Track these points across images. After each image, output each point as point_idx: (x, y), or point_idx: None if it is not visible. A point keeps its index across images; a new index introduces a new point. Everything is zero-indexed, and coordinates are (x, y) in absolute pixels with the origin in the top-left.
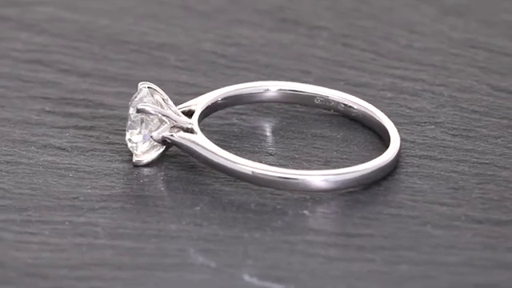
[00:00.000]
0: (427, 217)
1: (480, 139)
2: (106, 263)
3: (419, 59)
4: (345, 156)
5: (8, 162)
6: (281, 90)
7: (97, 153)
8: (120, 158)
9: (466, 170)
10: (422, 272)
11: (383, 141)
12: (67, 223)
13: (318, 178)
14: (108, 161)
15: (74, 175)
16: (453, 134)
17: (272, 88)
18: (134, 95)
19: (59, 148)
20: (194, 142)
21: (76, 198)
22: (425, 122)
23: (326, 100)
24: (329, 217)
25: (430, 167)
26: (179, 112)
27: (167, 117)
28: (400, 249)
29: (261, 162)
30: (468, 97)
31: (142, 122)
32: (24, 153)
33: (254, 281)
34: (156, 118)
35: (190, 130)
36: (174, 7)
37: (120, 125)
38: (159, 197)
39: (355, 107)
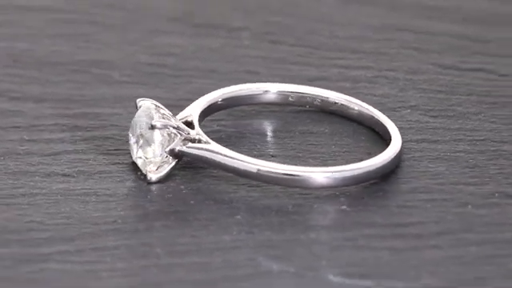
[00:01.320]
0: (462, 198)
1: (461, 117)
2: (184, 281)
3: (354, 48)
4: (348, 153)
5: (24, 195)
6: (280, 91)
7: (104, 175)
8: (130, 178)
9: (468, 148)
10: (491, 251)
11: (381, 136)
12: (123, 247)
13: (336, 175)
14: (120, 181)
15: (96, 199)
16: (433, 116)
17: (272, 89)
18: (138, 113)
19: (64, 175)
20: (212, 151)
21: (114, 221)
22: (399, 107)
23: (326, 101)
24: (369, 209)
25: (432, 150)
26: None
27: (181, 130)
28: (457, 232)
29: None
30: (422, 78)
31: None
32: (32, 183)
33: (341, 280)
34: (166, 133)
35: (198, 141)
36: (82, 24)
37: (108, 145)
38: (195, 210)
39: (354, 107)
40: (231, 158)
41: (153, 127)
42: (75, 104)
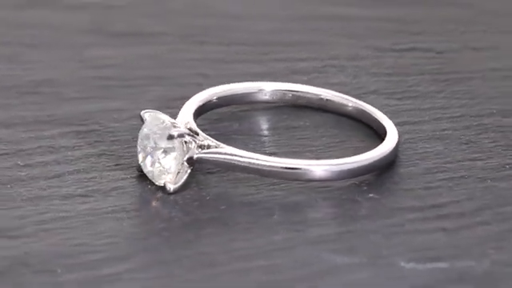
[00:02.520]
0: (478, 174)
1: (427, 97)
2: (263, 283)
3: (286, 40)
4: (345, 147)
5: (54, 219)
6: (276, 90)
7: (120, 191)
8: (147, 190)
9: (453, 125)
10: None
11: (376, 132)
12: (184, 259)
13: (339, 167)
14: (139, 195)
15: (128, 215)
16: (399, 98)
17: (266, 88)
18: (148, 125)
19: (80, 195)
20: (232, 154)
21: (159, 234)
22: (363, 93)
23: (321, 99)
24: (397, 195)
25: (419, 131)
26: None
27: (195, 137)
28: (494, 207)
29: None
30: (369, 63)
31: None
32: (55, 207)
33: (414, 266)
34: (182, 141)
35: (208, 146)
36: (14, 46)
37: (104, 161)
38: (230, 215)
39: (349, 104)
40: (253, 158)
41: (171, 137)
42: (47, 125)
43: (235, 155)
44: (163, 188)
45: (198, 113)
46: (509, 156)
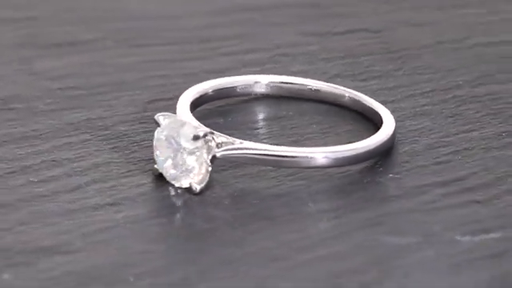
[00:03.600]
0: (480, 144)
1: (390, 76)
2: (340, 272)
3: (223, 34)
4: (344, 136)
5: (98, 231)
6: (271, 82)
7: (146, 196)
8: (174, 195)
9: (431, 100)
10: None
11: (373, 121)
12: (246, 257)
13: (344, 153)
14: (167, 200)
15: (167, 219)
16: (363, 79)
17: (262, 81)
18: (168, 128)
19: (110, 204)
20: (251, 148)
21: (211, 236)
22: (329, 79)
23: (317, 91)
24: (415, 172)
25: (400, 109)
26: None
27: (214, 136)
28: None
29: None
30: (316, 48)
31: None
32: (92, 219)
33: (469, 239)
34: (202, 141)
35: (223, 143)
36: None
37: (115, 169)
38: (266, 209)
39: (346, 94)
40: (275, 150)
41: (197, 137)
42: (38, 139)
43: (256, 149)
44: (188, 189)
45: (195, 106)
46: (499, 124)
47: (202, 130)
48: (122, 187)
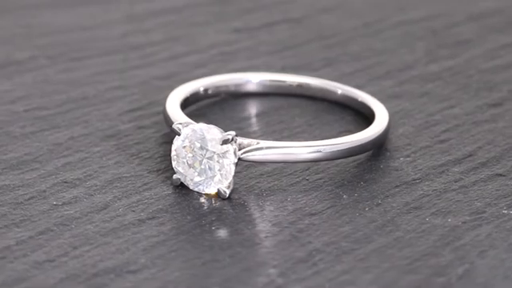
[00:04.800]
0: (468, 120)
1: (338, 62)
2: (418, 252)
3: (138, 43)
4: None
5: (156, 245)
6: (262, 80)
7: (179, 206)
8: (206, 202)
9: (392, 82)
10: None
11: (365, 116)
12: (323, 245)
13: (341, 146)
14: (204, 206)
15: (209, 229)
16: (315, 69)
17: (253, 79)
18: (192, 137)
19: (150, 218)
20: (272, 147)
21: (265, 237)
22: (282, 71)
23: (308, 87)
24: (423, 153)
25: (369, 93)
26: None
27: (236, 139)
28: None
29: None
30: (248, 43)
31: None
32: (141, 235)
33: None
34: (230, 145)
35: (244, 145)
36: None
37: (131, 183)
38: (311, 205)
39: (338, 91)
40: (296, 147)
41: (226, 141)
42: (35, 163)
43: (277, 147)
44: (215, 195)
45: (184, 106)
46: (473, 98)
47: (230, 133)
48: (148, 200)
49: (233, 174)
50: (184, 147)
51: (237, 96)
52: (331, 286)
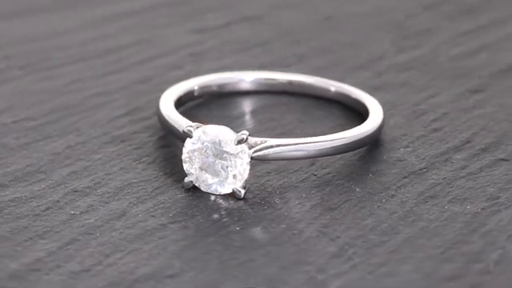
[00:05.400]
0: (454, 107)
1: (308, 58)
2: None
3: (108, 48)
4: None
5: (186, 249)
6: (257, 78)
7: (199, 209)
8: (223, 202)
9: (368, 74)
10: None
11: (359, 111)
12: (360, 240)
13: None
14: (224, 208)
15: (234, 230)
16: (289, 65)
17: (247, 78)
18: (206, 138)
19: (173, 223)
20: (283, 144)
21: (293, 234)
22: (253, 70)
23: (302, 85)
24: (424, 142)
25: (356, 84)
26: None
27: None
28: None
29: None
30: (213, 43)
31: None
32: (165, 240)
33: None
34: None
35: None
36: None
37: (141, 190)
38: (328, 199)
39: (332, 88)
40: (295, 143)
41: (241, 141)
42: (42, 174)
43: (287, 144)
44: (230, 195)
45: (178, 105)
46: (452, 86)
47: (243, 132)
48: (164, 205)
49: (248, 173)
50: (197, 149)
51: (226, 95)
52: (371, 280)
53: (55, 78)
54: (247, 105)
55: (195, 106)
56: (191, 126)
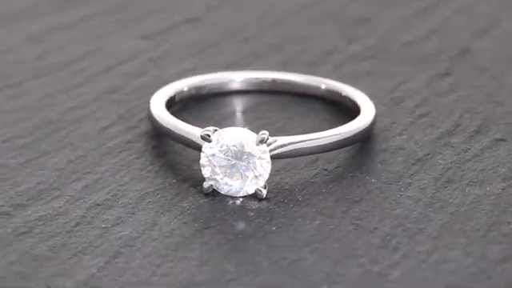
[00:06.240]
0: (433, 90)
1: (270, 54)
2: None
3: (66, 59)
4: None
5: (208, 252)
6: (246, 78)
7: (225, 213)
8: (245, 205)
9: (352, 69)
10: None
11: (349, 108)
12: (401, 229)
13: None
14: (252, 209)
15: (268, 233)
16: (278, 63)
17: (237, 78)
18: (227, 141)
19: (198, 231)
20: (296, 141)
21: (322, 238)
22: (223, 69)
23: (293, 84)
24: (416, 128)
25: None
26: None
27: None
28: (496, 118)
29: None
30: (177, 44)
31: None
32: (202, 247)
33: None
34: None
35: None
36: None
37: (154, 201)
38: (348, 194)
39: (321, 86)
40: (306, 139)
41: (262, 140)
42: (55, 191)
43: (300, 141)
44: (250, 196)
45: (169, 106)
46: (419, 72)
47: (264, 132)
48: (191, 211)
49: (269, 172)
50: (217, 153)
51: (212, 95)
52: (427, 268)
53: (24, 95)
54: (232, 105)
55: (178, 109)
56: (209, 131)
